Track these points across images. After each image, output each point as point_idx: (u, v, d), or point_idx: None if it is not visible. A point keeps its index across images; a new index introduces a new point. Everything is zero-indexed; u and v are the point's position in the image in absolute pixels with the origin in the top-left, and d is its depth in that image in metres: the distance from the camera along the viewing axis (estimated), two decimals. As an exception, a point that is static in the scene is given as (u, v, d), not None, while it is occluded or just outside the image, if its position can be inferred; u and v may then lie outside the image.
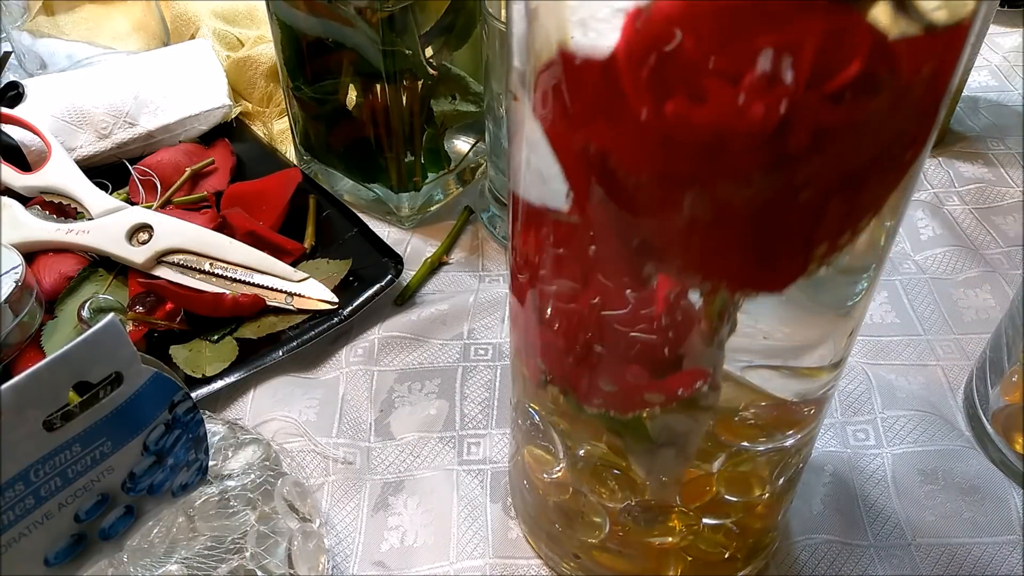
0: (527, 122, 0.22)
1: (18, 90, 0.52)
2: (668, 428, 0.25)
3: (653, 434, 0.25)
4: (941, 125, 0.47)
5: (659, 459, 0.26)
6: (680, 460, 0.26)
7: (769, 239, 0.19)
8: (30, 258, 0.45)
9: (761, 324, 0.23)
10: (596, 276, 0.22)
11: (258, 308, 0.44)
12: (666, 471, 0.26)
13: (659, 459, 0.26)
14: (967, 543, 0.35)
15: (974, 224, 0.51)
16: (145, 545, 0.30)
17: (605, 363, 0.23)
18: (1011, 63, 0.65)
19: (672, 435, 0.25)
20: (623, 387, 0.23)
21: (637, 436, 0.25)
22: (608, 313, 0.22)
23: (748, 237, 0.19)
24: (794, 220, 0.18)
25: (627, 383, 0.23)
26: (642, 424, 0.25)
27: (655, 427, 0.25)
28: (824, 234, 0.19)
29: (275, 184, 0.50)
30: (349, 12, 0.42)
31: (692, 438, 0.25)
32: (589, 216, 0.20)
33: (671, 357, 0.22)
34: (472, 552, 0.35)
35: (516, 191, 0.24)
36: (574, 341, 0.24)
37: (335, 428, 0.40)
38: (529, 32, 0.20)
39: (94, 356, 0.24)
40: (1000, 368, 0.38)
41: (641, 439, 0.25)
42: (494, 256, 0.50)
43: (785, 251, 0.19)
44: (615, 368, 0.23)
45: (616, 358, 0.23)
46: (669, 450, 0.25)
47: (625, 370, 0.23)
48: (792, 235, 0.19)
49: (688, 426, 0.25)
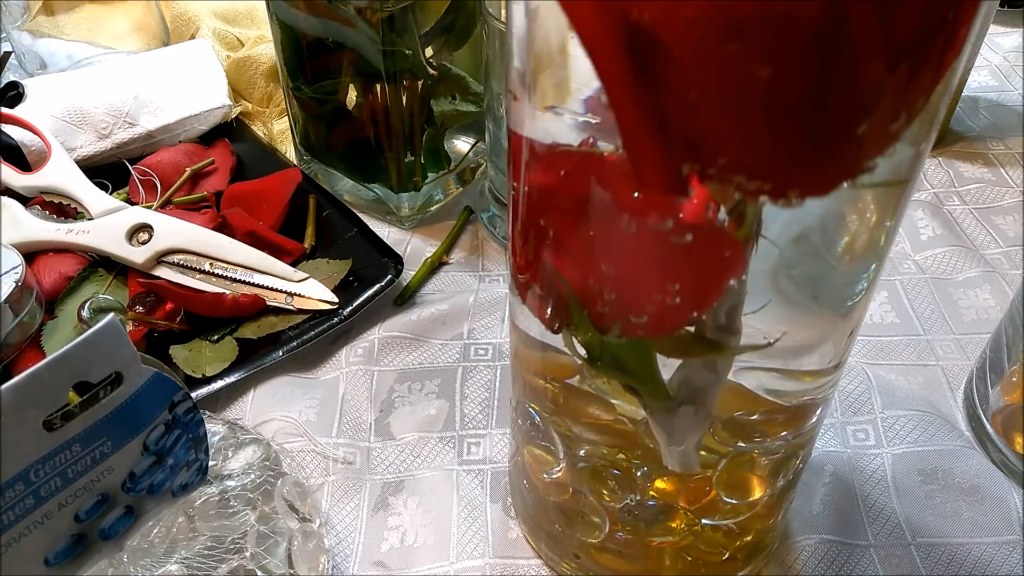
0: (527, 122, 0.22)
1: (18, 90, 0.52)
2: (687, 382, 0.24)
3: (672, 390, 0.24)
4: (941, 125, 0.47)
5: (679, 420, 0.25)
6: (700, 420, 0.25)
7: (819, 127, 0.18)
8: (30, 258, 0.45)
9: (761, 324, 0.23)
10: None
11: (258, 308, 0.44)
12: (686, 434, 0.25)
13: (679, 420, 0.25)
14: (967, 543, 0.35)
15: (974, 224, 0.51)
16: (145, 545, 0.30)
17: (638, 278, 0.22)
18: (1011, 63, 0.65)
19: (691, 390, 0.24)
20: (660, 313, 0.22)
21: (656, 393, 0.24)
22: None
23: (798, 123, 0.17)
24: (846, 104, 0.17)
25: (661, 307, 0.22)
26: (660, 381, 0.24)
27: (673, 382, 0.24)
28: (876, 123, 0.18)
29: (275, 184, 0.50)
30: (349, 12, 0.42)
31: (711, 393, 0.24)
32: (623, 112, 0.18)
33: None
34: (472, 552, 0.35)
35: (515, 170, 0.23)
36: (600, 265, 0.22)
37: (335, 428, 0.40)
38: (529, 32, 0.20)
39: (94, 356, 0.24)
40: (1000, 368, 0.38)
41: (660, 395, 0.24)
42: (494, 256, 0.50)
43: (834, 142, 0.18)
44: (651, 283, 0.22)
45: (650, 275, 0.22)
46: (688, 408, 0.25)
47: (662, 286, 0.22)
48: (843, 123, 0.18)
49: (707, 379, 0.24)
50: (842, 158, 0.18)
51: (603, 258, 0.22)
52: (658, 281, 0.21)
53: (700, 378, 0.24)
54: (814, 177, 0.19)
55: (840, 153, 0.18)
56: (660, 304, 0.22)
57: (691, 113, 0.17)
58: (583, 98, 0.20)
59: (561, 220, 0.23)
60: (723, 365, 0.24)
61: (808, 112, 0.17)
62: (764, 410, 0.27)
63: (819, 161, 0.18)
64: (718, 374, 0.24)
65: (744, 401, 0.26)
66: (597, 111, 0.20)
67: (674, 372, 0.24)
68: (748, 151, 0.18)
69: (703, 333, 0.22)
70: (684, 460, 0.27)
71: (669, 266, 0.21)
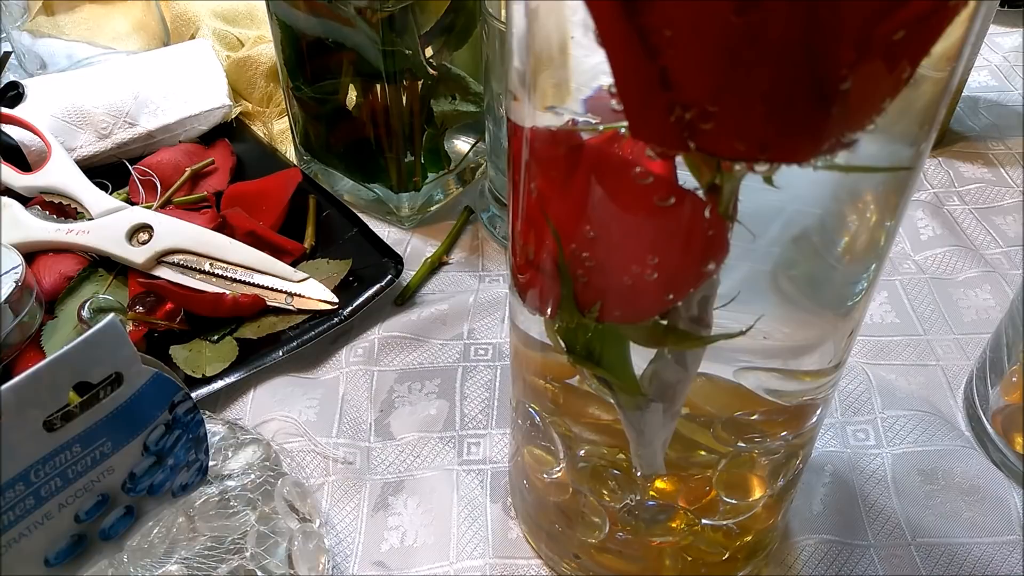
0: (527, 122, 0.22)
1: (18, 90, 0.52)
2: (657, 377, 0.24)
3: (643, 385, 0.24)
4: (941, 125, 0.47)
5: (648, 417, 0.25)
6: (668, 419, 0.25)
7: (796, 81, 0.17)
8: (30, 258, 0.45)
9: (761, 324, 0.23)
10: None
11: (258, 308, 0.44)
12: (655, 433, 0.26)
13: (648, 417, 0.25)
14: (967, 543, 0.35)
15: (974, 224, 0.51)
16: (145, 545, 0.30)
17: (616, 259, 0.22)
18: (1011, 63, 0.65)
19: (661, 386, 0.24)
20: (637, 290, 0.22)
21: (627, 386, 0.25)
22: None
23: (774, 75, 0.17)
24: (826, 59, 0.17)
25: (639, 283, 0.22)
26: (632, 374, 0.24)
27: (645, 377, 0.24)
28: (856, 88, 0.17)
29: (275, 184, 0.50)
30: (349, 12, 0.42)
31: (680, 390, 0.24)
32: (615, 55, 0.18)
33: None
34: (472, 552, 0.35)
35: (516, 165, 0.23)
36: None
37: (335, 428, 0.40)
38: (529, 32, 0.20)
39: (94, 356, 0.24)
40: (1000, 368, 0.38)
41: (631, 388, 0.25)
42: (494, 256, 0.50)
43: (813, 100, 0.18)
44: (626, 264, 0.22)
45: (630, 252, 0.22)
46: (658, 406, 0.25)
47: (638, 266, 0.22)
48: (823, 80, 0.17)
49: (677, 375, 0.24)
50: (821, 121, 0.18)
51: (585, 219, 0.22)
52: (637, 250, 0.21)
53: (670, 373, 0.24)
54: (792, 140, 0.18)
55: (819, 116, 0.18)
56: (637, 278, 0.22)
57: (674, 59, 0.17)
58: (583, 98, 0.20)
59: (550, 178, 0.23)
60: (692, 361, 0.24)
61: (784, 64, 0.17)
62: (764, 410, 0.27)
63: (797, 121, 0.18)
64: (687, 370, 0.24)
65: (744, 401, 0.26)
66: (597, 111, 0.20)
67: (645, 368, 0.24)
68: (724, 104, 0.18)
69: (675, 324, 0.22)
70: (651, 461, 0.27)
71: (649, 235, 0.21)
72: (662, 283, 0.22)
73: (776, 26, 0.16)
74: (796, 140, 0.18)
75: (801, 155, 0.19)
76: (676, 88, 0.18)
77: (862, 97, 0.18)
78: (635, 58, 0.18)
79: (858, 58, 0.17)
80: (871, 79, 0.18)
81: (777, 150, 0.19)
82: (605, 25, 0.18)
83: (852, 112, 0.18)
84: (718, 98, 0.18)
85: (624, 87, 0.18)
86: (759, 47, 0.17)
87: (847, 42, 0.17)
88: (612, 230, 0.22)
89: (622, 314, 0.23)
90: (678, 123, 0.18)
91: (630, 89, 0.18)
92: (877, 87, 0.18)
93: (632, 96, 0.18)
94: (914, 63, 0.18)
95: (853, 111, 0.18)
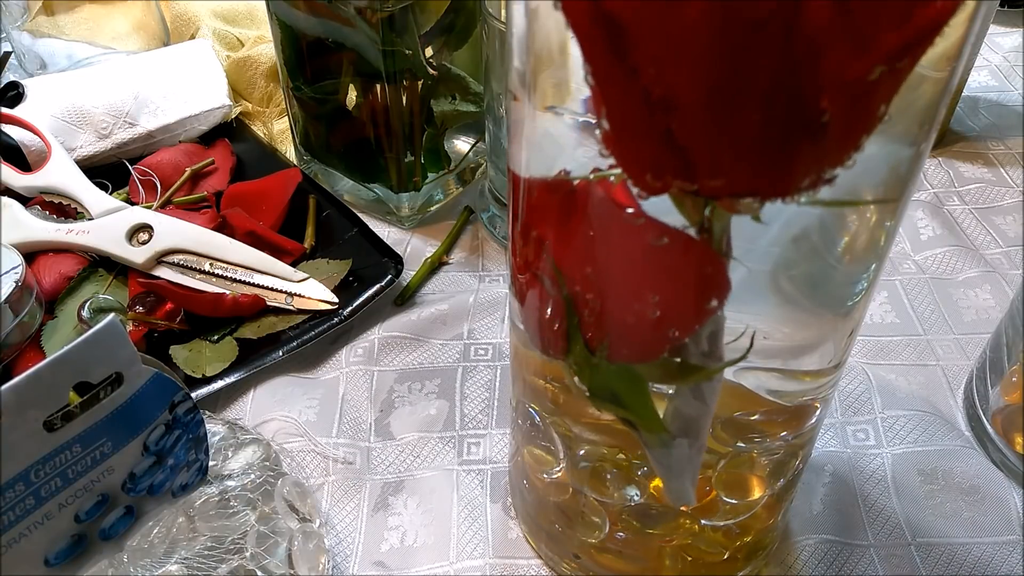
0: (527, 122, 0.22)
1: (18, 90, 0.52)
2: (679, 414, 0.24)
3: (666, 422, 0.25)
4: (941, 125, 0.47)
5: (675, 453, 0.25)
6: (695, 454, 0.26)
7: (772, 120, 0.18)
8: (30, 258, 0.45)
9: (761, 324, 0.23)
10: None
11: (258, 308, 0.44)
12: (683, 468, 0.26)
13: (675, 453, 0.25)
14: (967, 543, 0.35)
15: (974, 224, 0.51)
16: (145, 545, 0.30)
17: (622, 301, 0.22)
18: (1011, 63, 0.65)
19: (683, 422, 0.25)
20: (641, 329, 0.23)
21: (651, 425, 0.25)
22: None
23: (749, 116, 0.17)
24: (799, 100, 0.17)
25: (642, 321, 0.22)
26: (655, 412, 0.24)
27: (667, 415, 0.24)
28: (843, 122, 0.18)
29: (275, 184, 0.50)
30: (349, 12, 0.42)
31: (703, 424, 0.25)
32: (605, 97, 0.19)
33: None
34: (472, 552, 0.35)
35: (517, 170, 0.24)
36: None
37: (335, 428, 0.40)
38: (529, 32, 0.20)
39: (94, 356, 0.24)
40: (1000, 368, 0.38)
41: (655, 427, 0.25)
42: (494, 256, 0.50)
43: (788, 140, 0.18)
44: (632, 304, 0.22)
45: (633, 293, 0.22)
46: (683, 441, 0.25)
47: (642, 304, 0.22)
48: (795, 120, 0.18)
49: (697, 410, 0.24)
50: (799, 158, 0.18)
51: (585, 261, 0.22)
52: (637, 290, 0.22)
53: (691, 408, 0.24)
54: (770, 178, 0.19)
55: (798, 153, 0.18)
56: (640, 316, 0.22)
57: (656, 94, 0.18)
58: (583, 98, 0.20)
59: (548, 223, 0.23)
60: (710, 394, 0.24)
61: (761, 104, 0.17)
62: (764, 410, 0.27)
63: (773, 159, 0.18)
64: (707, 404, 0.24)
65: (744, 401, 0.26)
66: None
67: (666, 406, 0.24)
68: (699, 141, 0.18)
69: (687, 360, 0.23)
70: (681, 495, 0.27)
71: (647, 274, 0.21)
72: (665, 321, 0.22)
73: (760, 67, 0.17)
74: (775, 177, 0.19)
75: (780, 191, 0.19)
76: (663, 117, 0.18)
77: (841, 134, 0.18)
78: (622, 89, 0.18)
79: (837, 96, 0.17)
80: (849, 117, 0.18)
81: (754, 187, 0.19)
82: (596, 63, 0.18)
83: (830, 149, 0.18)
84: (700, 133, 0.18)
85: (613, 117, 0.19)
86: (741, 83, 0.17)
87: (828, 79, 0.17)
88: (611, 271, 0.22)
89: (630, 353, 0.23)
90: (663, 156, 0.18)
91: (618, 119, 0.19)
92: (855, 124, 0.18)
93: (619, 125, 0.19)
94: (888, 100, 0.18)
95: (831, 147, 0.18)
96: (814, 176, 0.19)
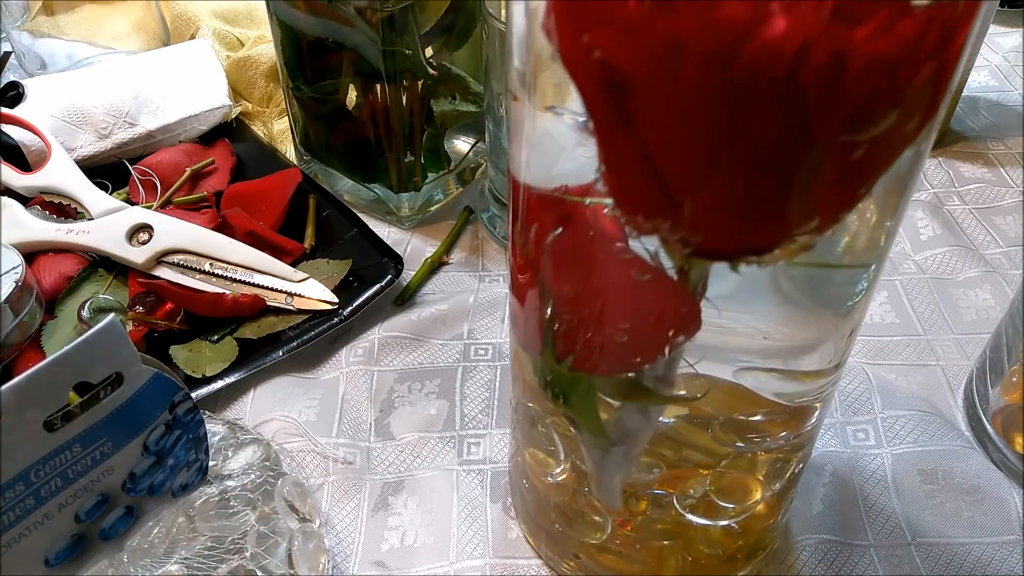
0: (527, 122, 0.22)
1: (18, 90, 0.52)
2: (621, 424, 0.25)
3: (608, 430, 0.25)
4: (941, 125, 0.47)
5: (610, 458, 0.26)
6: (628, 461, 0.27)
7: (757, 184, 0.18)
8: (30, 258, 0.45)
9: (761, 324, 0.23)
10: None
11: (258, 308, 0.44)
12: (614, 472, 0.27)
13: (610, 458, 0.26)
14: (967, 543, 0.35)
15: (974, 224, 0.51)
16: (145, 545, 0.30)
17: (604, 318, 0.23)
18: (1011, 63, 0.65)
19: (624, 432, 0.25)
20: (607, 350, 0.23)
21: (593, 429, 0.26)
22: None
23: (746, 181, 0.18)
24: (799, 167, 0.18)
25: (609, 344, 0.23)
26: (598, 420, 0.25)
27: (610, 422, 0.25)
28: (830, 188, 0.18)
29: (275, 184, 0.50)
30: (349, 12, 0.42)
31: (642, 436, 0.26)
32: (603, 142, 0.19)
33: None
34: (472, 552, 0.35)
35: (517, 176, 0.24)
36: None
37: (335, 428, 0.40)
38: (529, 32, 0.20)
39: (94, 356, 0.24)
40: (1000, 368, 0.38)
41: (596, 432, 0.26)
42: (494, 256, 0.50)
43: (773, 202, 0.18)
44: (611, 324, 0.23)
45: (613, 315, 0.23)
46: (619, 449, 0.26)
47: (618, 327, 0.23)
48: (793, 185, 0.18)
49: (640, 424, 0.25)
50: (779, 221, 0.19)
51: (567, 278, 0.23)
52: (611, 316, 0.22)
53: (633, 421, 0.25)
54: (752, 236, 0.19)
55: (776, 215, 0.19)
56: (608, 339, 0.23)
57: (653, 141, 0.18)
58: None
59: (541, 233, 0.24)
60: (655, 412, 0.25)
61: (749, 167, 0.18)
62: (764, 410, 0.27)
63: (759, 220, 0.19)
64: (650, 420, 0.25)
65: (744, 401, 0.26)
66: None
67: (612, 414, 0.25)
68: (688, 195, 0.19)
69: (640, 381, 0.24)
70: (609, 497, 0.28)
71: (624, 305, 0.22)
72: (631, 346, 0.23)
73: (751, 129, 0.17)
74: (758, 239, 0.19)
75: (759, 252, 0.20)
76: (655, 166, 0.18)
77: (825, 202, 0.19)
78: (619, 138, 0.18)
79: (822, 167, 0.18)
80: (832, 188, 0.18)
81: (737, 247, 0.20)
82: (595, 111, 0.19)
83: (813, 216, 0.19)
84: (689, 188, 0.18)
85: (610, 161, 0.19)
86: (731, 143, 0.17)
87: (818, 144, 0.17)
88: (590, 294, 0.23)
89: (591, 367, 0.24)
90: (655, 203, 0.19)
91: (614, 163, 0.19)
92: (836, 198, 0.19)
93: (616, 169, 0.19)
94: (872, 178, 0.19)
95: (814, 215, 0.19)
96: (791, 240, 0.19)
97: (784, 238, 0.19)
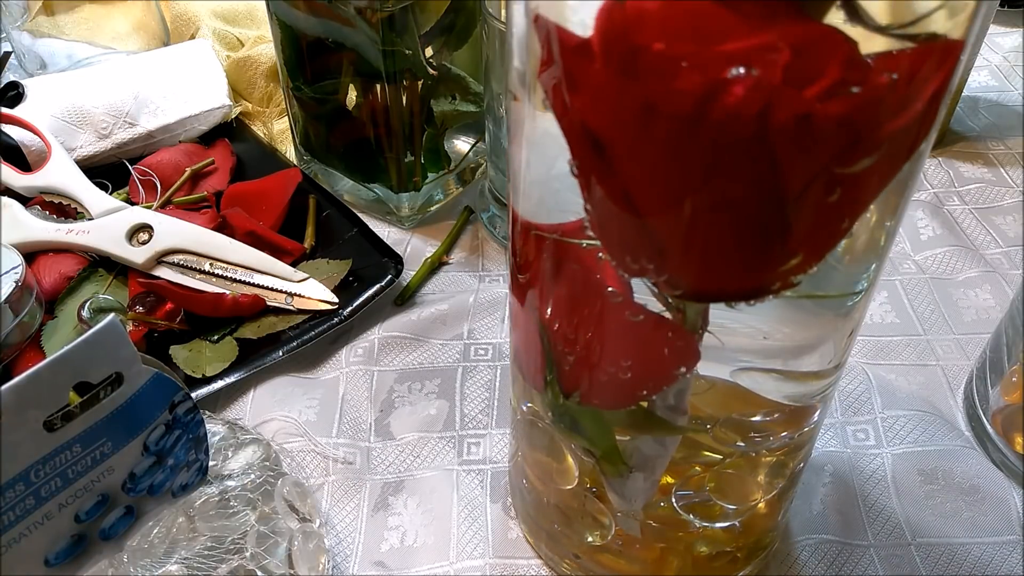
0: (527, 122, 0.22)
1: (18, 90, 0.52)
2: (639, 451, 0.26)
3: (625, 455, 0.26)
4: (941, 125, 0.47)
5: (630, 484, 0.27)
6: (648, 486, 0.27)
7: (738, 241, 0.19)
8: (30, 258, 0.45)
9: (761, 324, 0.23)
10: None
11: (258, 308, 0.44)
12: (635, 497, 0.28)
13: (630, 484, 0.27)
14: (967, 543, 0.35)
15: (974, 224, 0.51)
16: (145, 545, 0.30)
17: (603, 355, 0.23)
18: (1011, 63, 0.65)
19: (642, 459, 0.26)
20: (613, 386, 0.24)
21: (612, 459, 0.26)
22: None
23: (718, 234, 0.18)
24: (771, 222, 0.18)
25: (614, 380, 0.23)
26: (617, 450, 0.26)
27: (627, 451, 0.26)
28: (800, 242, 0.19)
29: (275, 184, 0.50)
30: (349, 12, 0.42)
31: (660, 463, 0.26)
32: (589, 189, 0.20)
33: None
34: (472, 552, 0.35)
35: (515, 204, 0.24)
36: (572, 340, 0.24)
37: (335, 428, 0.40)
38: (529, 32, 0.20)
39: (94, 356, 0.24)
40: (1000, 368, 0.38)
41: (615, 461, 0.26)
42: (494, 256, 0.50)
43: (751, 258, 0.19)
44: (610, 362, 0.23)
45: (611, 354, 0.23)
46: (639, 475, 0.26)
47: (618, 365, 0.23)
48: (767, 240, 0.18)
49: (656, 451, 0.26)
50: (764, 264, 0.19)
51: (567, 319, 0.24)
52: (612, 354, 0.23)
53: (650, 449, 0.26)
54: (738, 279, 0.20)
55: (761, 259, 0.19)
56: (612, 376, 0.23)
57: (629, 195, 0.19)
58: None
59: (541, 275, 0.24)
60: (671, 440, 0.25)
61: (719, 219, 0.18)
62: (764, 410, 0.27)
63: (744, 264, 0.19)
64: (666, 448, 0.26)
65: (744, 401, 0.26)
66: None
67: (628, 443, 0.26)
68: (668, 242, 0.19)
69: (653, 411, 0.24)
70: (631, 524, 0.29)
71: (623, 343, 0.23)
72: (636, 381, 0.23)
73: (722, 184, 0.17)
74: (735, 284, 0.20)
75: (741, 298, 0.20)
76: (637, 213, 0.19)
77: (808, 245, 0.19)
78: (605, 185, 0.19)
79: (801, 212, 0.18)
80: (815, 229, 0.19)
81: (715, 291, 0.20)
82: (581, 160, 0.19)
83: (797, 257, 0.19)
84: (669, 235, 0.19)
85: (596, 206, 0.20)
86: (703, 197, 0.18)
87: (789, 195, 0.18)
88: (590, 335, 0.23)
89: (600, 403, 0.25)
90: (640, 247, 0.20)
91: (600, 209, 0.20)
92: (820, 236, 0.19)
93: (601, 214, 0.20)
94: (852, 218, 0.19)
95: (797, 256, 0.19)
96: (779, 284, 0.20)
97: (772, 279, 0.20)
